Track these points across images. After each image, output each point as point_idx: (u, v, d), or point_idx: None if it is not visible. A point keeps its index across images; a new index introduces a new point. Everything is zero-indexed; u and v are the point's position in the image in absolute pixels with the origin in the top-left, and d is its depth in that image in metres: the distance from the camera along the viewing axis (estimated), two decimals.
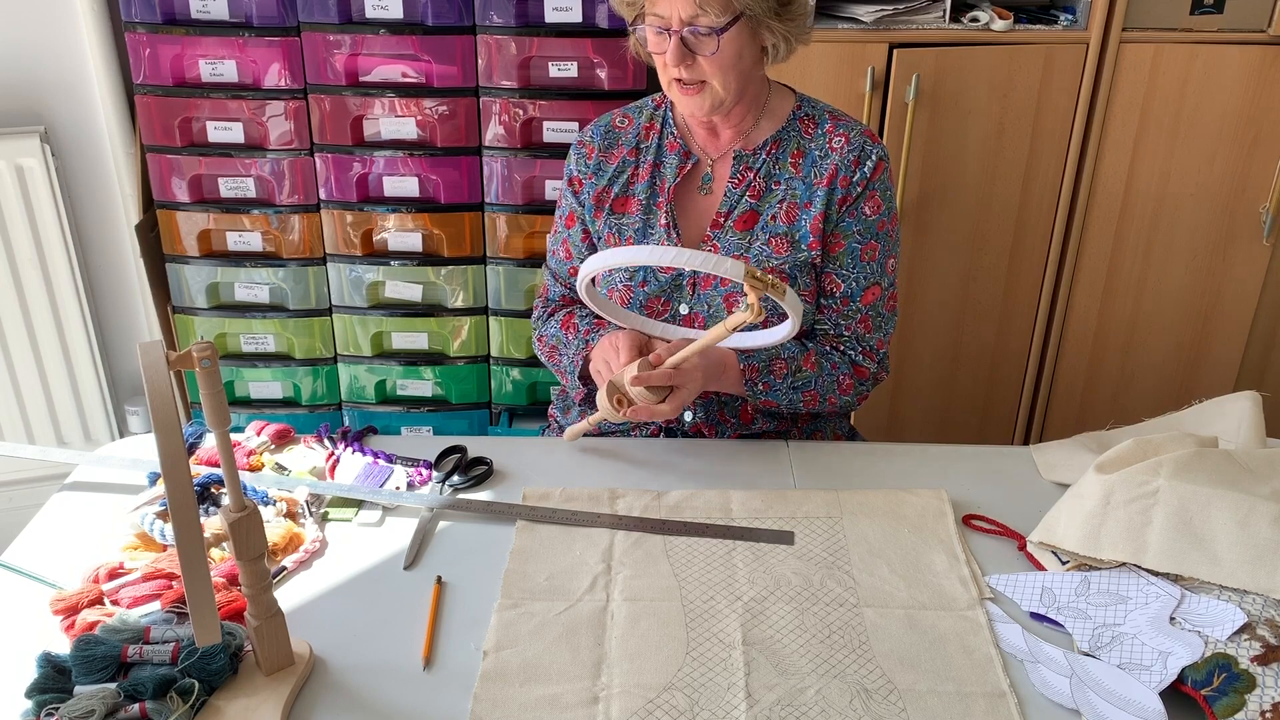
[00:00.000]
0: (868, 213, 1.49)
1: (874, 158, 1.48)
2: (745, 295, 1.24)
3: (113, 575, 1.16)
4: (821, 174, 1.48)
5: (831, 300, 1.51)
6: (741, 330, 1.30)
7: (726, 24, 1.37)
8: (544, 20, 2.03)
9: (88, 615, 1.09)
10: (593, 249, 1.58)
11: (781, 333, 1.37)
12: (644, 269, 1.50)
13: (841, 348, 1.52)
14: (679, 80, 1.42)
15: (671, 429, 1.56)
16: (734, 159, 1.51)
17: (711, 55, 1.38)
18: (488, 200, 2.16)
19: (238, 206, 2.17)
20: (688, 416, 1.54)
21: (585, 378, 1.53)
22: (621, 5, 1.46)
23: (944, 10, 2.07)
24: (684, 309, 1.52)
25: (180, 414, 1.51)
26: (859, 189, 1.48)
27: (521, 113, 2.08)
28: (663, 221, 1.51)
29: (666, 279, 1.50)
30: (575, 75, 2.07)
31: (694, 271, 1.45)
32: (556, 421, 1.70)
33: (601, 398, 1.36)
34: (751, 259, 1.48)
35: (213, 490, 1.29)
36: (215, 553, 1.21)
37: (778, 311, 1.44)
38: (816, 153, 1.50)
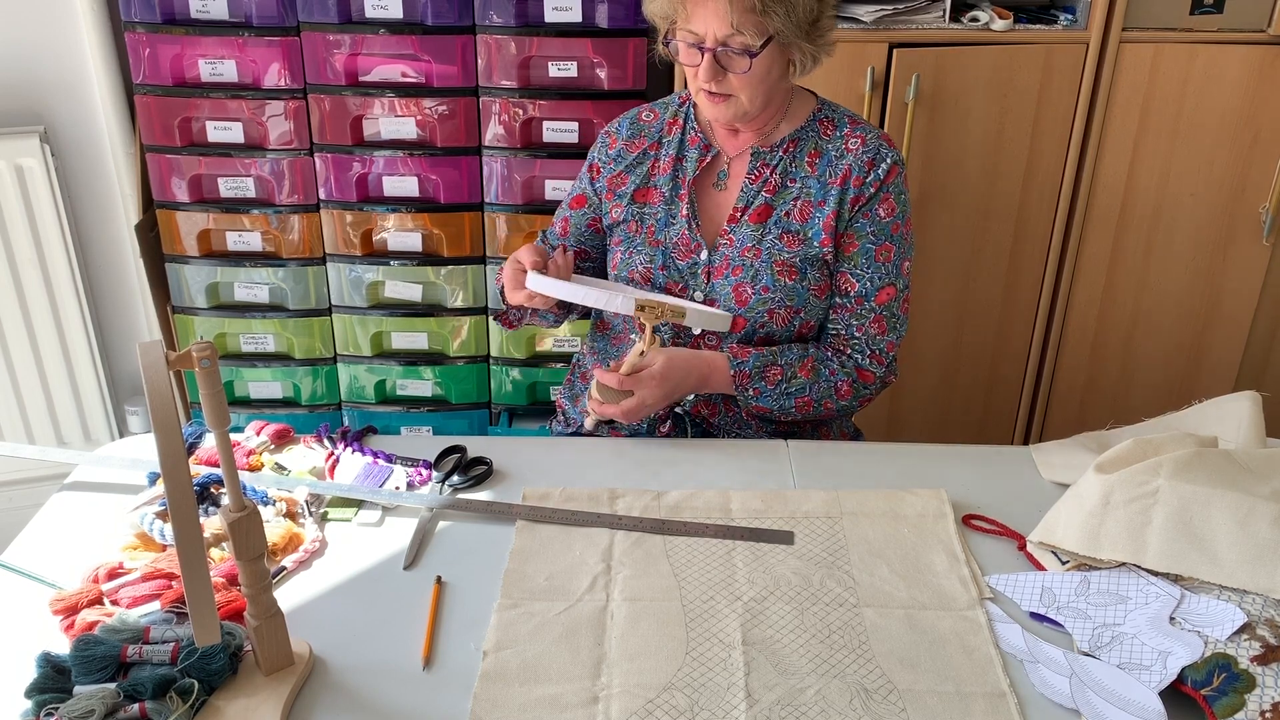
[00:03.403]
0: (882, 214, 1.50)
1: (888, 161, 1.50)
2: (641, 327, 1.42)
3: (112, 575, 1.16)
4: (836, 174, 1.51)
5: (846, 299, 1.53)
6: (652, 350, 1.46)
7: (760, 46, 1.39)
8: (544, 20, 2.03)
9: (87, 615, 1.09)
10: (596, 233, 1.65)
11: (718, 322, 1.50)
12: (665, 255, 1.55)
13: (849, 351, 1.53)
14: (707, 90, 1.45)
15: (678, 416, 1.57)
16: (751, 155, 1.53)
17: (743, 74, 1.41)
18: (487, 200, 2.16)
19: (237, 206, 2.17)
20: (690, 397, 1.56)
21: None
22: (655, 18, 1.48)
23: (944, 10, 2.07)
24: (699, 296, 1.55)
25: (180, 414, 1.52)
26: (872, 190, 1.49)
27: (521, 112, 2.08)
28: (684, 213, 1.55)
29: (685, 265, 1.54)
30: (575, 75, 2.07)
31: (709, 259, 1.54)
32: (564, 413, 1.71)
33: (586, 405, 1.51)
34: (764, 252, 1.51)
35: (213, 490, 1.29)
36: (215, 553, 1.21)
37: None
38: (833, 153, 1.52)
